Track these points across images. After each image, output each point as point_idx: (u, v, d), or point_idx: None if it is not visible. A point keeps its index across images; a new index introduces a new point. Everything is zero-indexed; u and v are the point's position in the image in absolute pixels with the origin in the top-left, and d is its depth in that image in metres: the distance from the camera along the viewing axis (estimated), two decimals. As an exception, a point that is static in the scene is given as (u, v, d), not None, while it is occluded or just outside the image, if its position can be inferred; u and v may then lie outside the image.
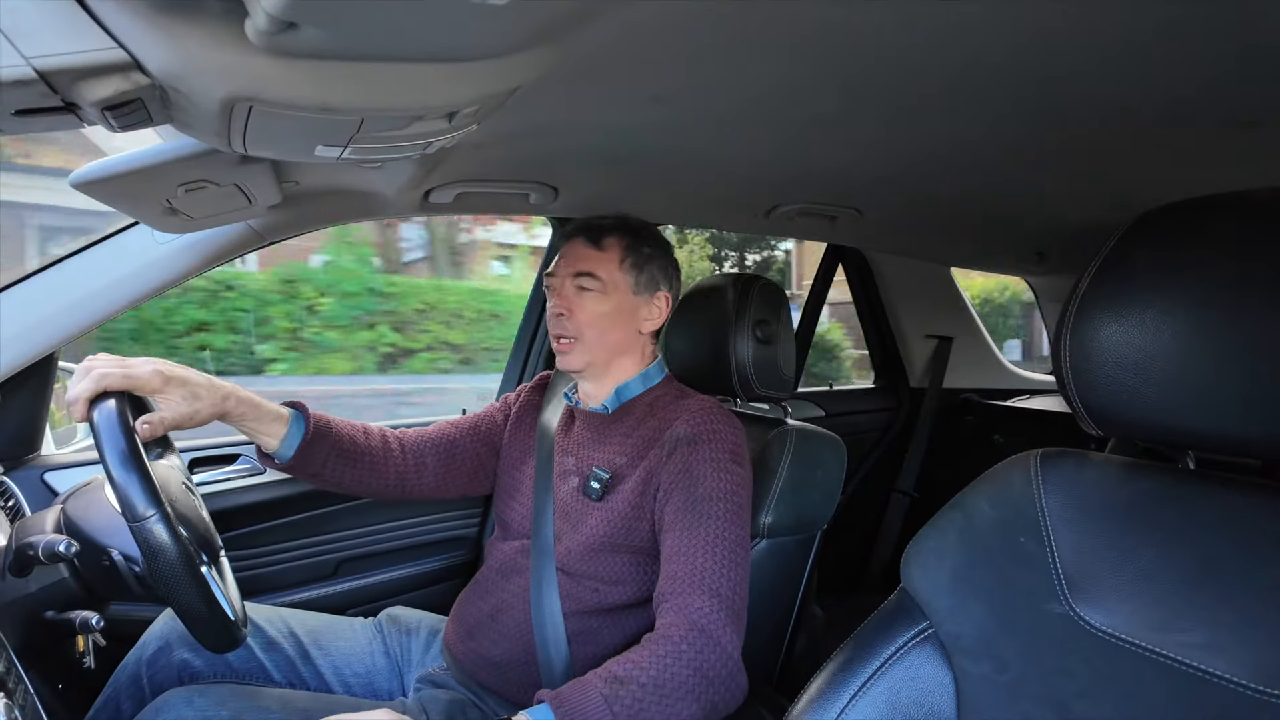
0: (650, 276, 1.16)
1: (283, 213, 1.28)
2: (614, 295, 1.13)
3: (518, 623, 1.09)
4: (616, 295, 1.13)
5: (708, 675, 0.86)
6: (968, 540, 0.72)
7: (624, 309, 1.14)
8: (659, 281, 1.17)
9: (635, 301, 1.15)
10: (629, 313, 1.15)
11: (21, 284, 1.17)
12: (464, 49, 0.67)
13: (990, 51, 0.83)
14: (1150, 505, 0.63)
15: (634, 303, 1.15)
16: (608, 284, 1.13)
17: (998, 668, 0.66)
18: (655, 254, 1.17)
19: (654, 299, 1.17)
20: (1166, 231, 0.61)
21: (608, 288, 1.13)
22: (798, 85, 0.94)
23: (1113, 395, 0.62)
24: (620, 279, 1.14)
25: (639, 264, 1.15)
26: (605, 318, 1.13)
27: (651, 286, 1.16)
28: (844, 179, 1.46)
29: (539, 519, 1.15)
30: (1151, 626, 0.58)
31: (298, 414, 1.13)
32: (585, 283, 1.12)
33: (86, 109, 0.66)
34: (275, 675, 1.12)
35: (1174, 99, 0.96)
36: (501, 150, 1.21)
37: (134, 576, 0.90)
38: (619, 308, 1.13)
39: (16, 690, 0.71)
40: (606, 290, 1.12)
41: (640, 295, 1.15)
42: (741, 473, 1.04)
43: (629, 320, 1.15)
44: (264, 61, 0.63)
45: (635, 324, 1.16)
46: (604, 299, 1.12)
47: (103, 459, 0.81)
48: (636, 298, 1.15)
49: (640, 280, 1.15)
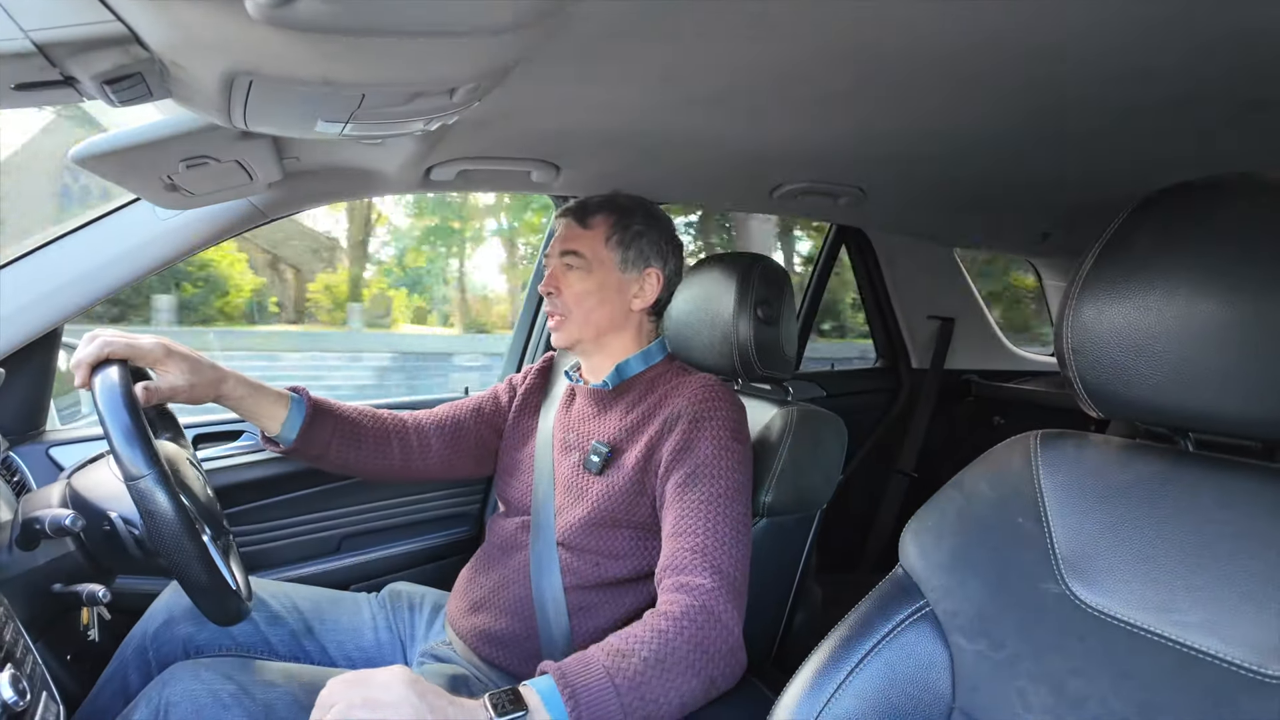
0: (639, 253, 1.16)
1: (284, 189, 1.28)
2: (598, 272, 1.15)
3: (519, 598, 1.10)
4: (601, 272, 1.15)
5: (708, 651, 0.87)
6: (966, 520, 0.72)
7: (608, 285, 1.15)
8: (649, 258, 1.17)
9: (622, 278, 1.16)
10: (615, 289, 1.16)
11: (24, 260, 1.17)
12: (465, 22, 0.66)
13: (996, 29, 0.82)
14: (1149, 486, 0.63)
15: (620, 279, 1.16)
16: (592, 261, 1.15)
17: (993, 645, 0.66)
18: (646, 230, 1.17)
19: (643, 275, 1.17)
20: (1170, 213, 0.61)
21: (592, 265, 1.15)
22: (803, 63, 0.93)
23: (1114, 376, 0.62)
24: (605, 255, 1.15)
25: (625, 241, 1.16)
26: (590, 294, 1.14)
27: (640, 263, 1.17)
28: (848, 158, 1.45)
29: (540, 495, 1.16)
30: (1148, 606, 0.59)
31: (298, 398, 1.14)
32: (571, 260, 1.15)
33: (86, 83, 0.66)
34: (279, 649, 1.14)
35: (1180, 80, 0.95)
36: (503, 127, 1.20)
37: (134, 540, 0.91)
38: (603, 284, 1.15)
39: (25, 661, 0.73)
40: (591, 268, 1.15)
41: (628, 272, 1.16)
42: (742, 450, 1.04)
43: (616, 297, 1.16)
44: (264, 35, 0.62)
45: (624, 301, 1.17)
46: (588, 276, 1.14)
47: (101, 419, 0.84)
48: (624, 275, 1.16)
49: (627, 257, 1.16)
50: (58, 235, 1.19)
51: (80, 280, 1.19)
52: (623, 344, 1.18)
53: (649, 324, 1.21)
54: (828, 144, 1.33)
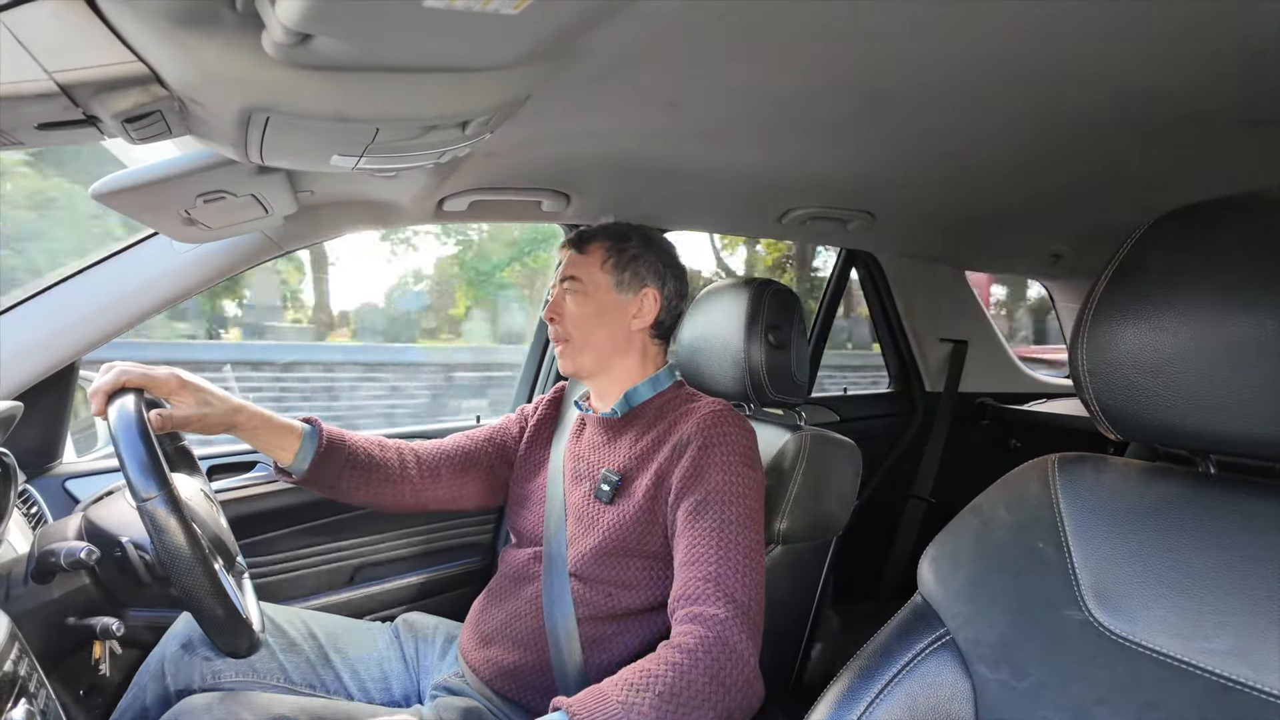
0: (635, 274, 1.18)
1: (299, 222, 1.30)
2: (595, 295, 1.17)
3: (532, 629, 1.09)
4: (598, 295, 1.17)
5: (725, 684, 0.86)
6: (984, 546, 0.71)
7: (607, 307, 1.17)
8: (645, 279, 1.19)
9: (619, 300, 1.18)
10: (613, 311, 1.17)
11: (43, 294, 1.19)
12: (476, 58, 0.67)
13: (1003, 54, 0.82)
14: (1171, 510, 0.62)
15: (618, 301, 1.18)
16: (588, 284, 1.17)
17: (1016, 674, 0.65)
18: (642, 253, 1.19)
19: (640, 296, 1.19)
20: (1183, 233, 0.60)
21: (588, 288, 1.17)
22: (810, 90, 0.94)
23: (1131, 398, 0.61)
24: (601, 279, 1.17)
25: (621, 264, 1.18)
26: (589, 317, 1.17)
27: (636, 284, 1.18)
28: (857, 183, 1.45)
29: (551, 525, 1.15)
30: (1174, 633, 0.58)
31: (311, 429, 1.15)
32: (570, 286, 1.18)
33: (107, 121, 0.67)
34: (294, 678, 1.13)
35: (1189, 99, 0.95)
36: (514, 158, 1.22)
37: (144, 565, 0.92)
38: (601, 307, 1.17)
39: (39, 695, 0.72)
40: (588, 291, 1.17)
41: (624, 293, 1.18)
42: (754, 476, 1.04)
43: (615, 318, 1.17)
44: (280, 73, 0.63)
45: (623, 321, 1.18)
46: (586, 300, 1.17)
47: (114, 443, 0.86)
48: (620, 296, 1.18)
49: (622, 279, 1.18)
50: (76, 270, 1.21)
51: (98, 315, 1.21)
52: (628, 369, 1.19)
53: (654, 347, 1.22)
54: (836, 169, 1.34)
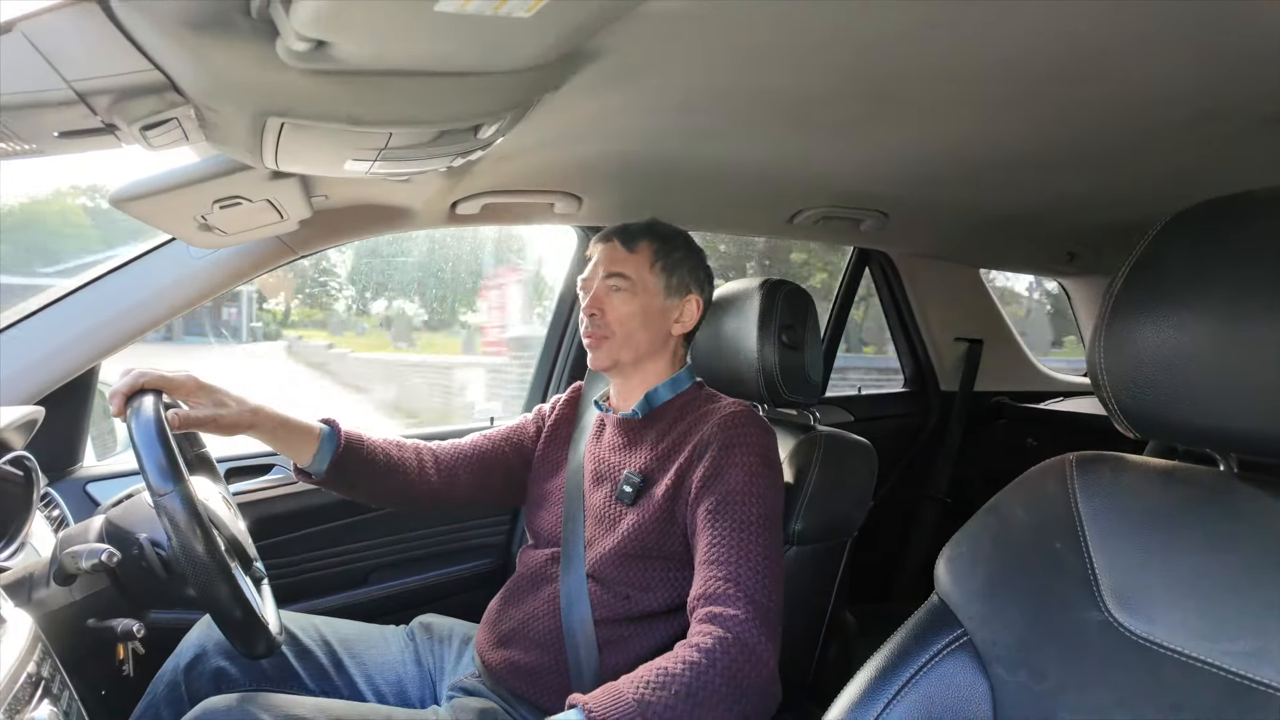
0: (681, 280, 1.18)
1: (313, 227, 1.31)
2: (643, 295, 1.16)
3: (549, 630, 1.09)
4: (645, 295, 1.16)
5: (742, 685, 0.85)
6: (1002, 546, 0.71)
7: (652, 310, 1.16)
8: (689, 285, 1.19)
9: (666, 304, 1.17)
10: (658, 314, 1.17)
11: (63, 301, 1.21)
12: (489, 62, 0.68)
13: (1016, 53, 0.82)
14: (1191, 509, 0.62)
15: (664, 305, 1.17)
16: (637, 284, 1.15)
17: (1035, 676, 0.64)
18: (686, 258, 1.19)
19: (685, 301, 1.19)
20: (1200, 230, 0.59)
21: (637, 288, 1.15)
22: (823, 91, 0.94)
23: (1149, 397, 0.60)
24: (650, 281, 1.16)
25: (669, 267, 1.17)
26: (634, 316, 1.15)
27: (682, 290, 1.18)
28: (869, 183, 1.45)
29: (570, 526, 1.15)
30: (1195, 634, 0.57)
31: (329, 430, 1.15)
32: (617, 283, 1.16)
33: (125, 129, 0.68)
34: (309, 683, 1.14)
35: (1203, 96, 0.94)
36: (527, 160, 1.22)
37: (160, 562, 0.92)
38: (647, 308, 1.16)
39: (62, 696, 0.73)
40: (636, 290, 1.15)
41: (671, 298, 1.18)
42: (773, 476, 1.03)
43: (659, 321, 1.17)
44: (294, 78, 0.64)
45: (665, 325, 1.18)
46: (633, 298, 1.15)
47: (132, 441, 0.87)
48: (667, 300, 1.17)
49: (671, 283, 1.17)
50: (95, 276, 1.23)
51: (117, 319, 1.23)
52: (657, 369, 1.19)
53: (682, 350, 1.22)
54: (850, 169, 1.34)
